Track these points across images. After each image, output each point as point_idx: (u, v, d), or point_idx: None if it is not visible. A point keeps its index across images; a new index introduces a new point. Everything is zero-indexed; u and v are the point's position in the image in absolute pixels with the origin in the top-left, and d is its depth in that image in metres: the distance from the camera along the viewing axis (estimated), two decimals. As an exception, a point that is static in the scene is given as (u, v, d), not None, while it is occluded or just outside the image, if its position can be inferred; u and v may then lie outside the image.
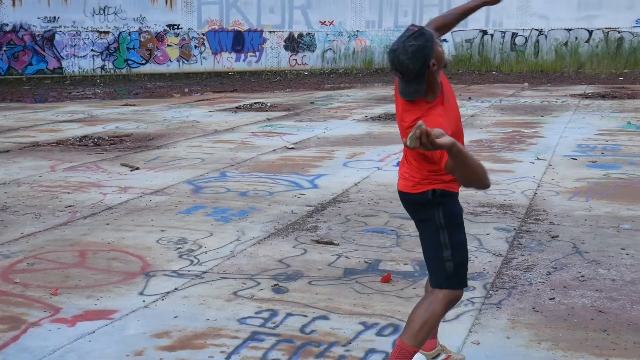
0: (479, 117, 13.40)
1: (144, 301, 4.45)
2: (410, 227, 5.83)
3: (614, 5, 26.61)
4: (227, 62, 27.24)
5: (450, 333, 3.76)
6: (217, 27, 27.03)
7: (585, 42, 27.05)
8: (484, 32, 27.65)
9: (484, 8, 4.16)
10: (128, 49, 25.56)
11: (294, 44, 27.90)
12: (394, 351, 3.19)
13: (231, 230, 6.03)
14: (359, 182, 7.85)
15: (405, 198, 3.27)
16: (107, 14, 25.23)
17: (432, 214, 3.15)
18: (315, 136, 11.47)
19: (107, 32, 25.19)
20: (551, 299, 4.36)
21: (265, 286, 4.67)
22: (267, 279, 4.81)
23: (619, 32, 26.71)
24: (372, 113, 14.36)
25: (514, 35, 27.64)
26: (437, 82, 3.07)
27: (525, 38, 27.56)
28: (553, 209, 6.55)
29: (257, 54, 27.65)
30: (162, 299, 4.48)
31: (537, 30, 27.42)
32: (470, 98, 16.88)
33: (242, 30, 27.41)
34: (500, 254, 5.24)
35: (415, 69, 2.94)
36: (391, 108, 15.05)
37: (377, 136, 11.37)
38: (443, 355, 3.51)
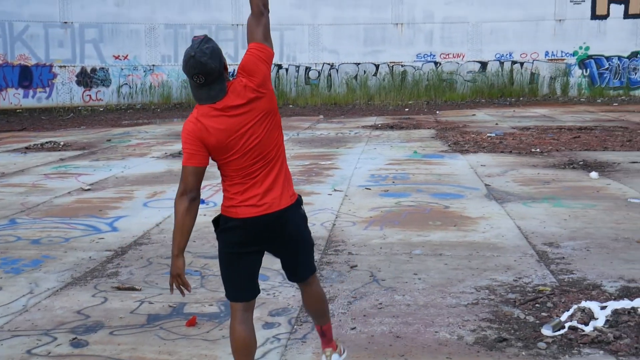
0: (278, 151, 13.70)
1: None
2: (214, 266, 5.80)
3: (396, 41, 28.62)
4: (14, 98, 25.70)
5: (258, 373, 3.78)
6: (0, 62, 25.42)
7: (373, 75, 28.75)
8: (279, 67, 28.44)
9: (278, 43, 4.46)
10: None
11: (87, 79, 26.93)
12: (329, 332, 3.76)
13: (23, 282, 5.65)
14: (160, 222, 7.70)
15: (290, 211, 3.33)
16: None
17: (302, 212, 3.45)
18: (113, 176, 11.11)
19: None
20: (352, 328, 4.52)
21: (63, 341, 4.42)
22: (64, 332, 4.55)
23: (402, 66, 28.68)
24: (172, 149, 14.19)
25: (308, 69, 28.73)
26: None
27: (318, 72, 28.75)
28: (351, 239, 6.83)
29: (48, 89, 26.36)
30: (-55, 367, 4.08)
31: (328, 64, 28.72)
32: (269, 131, 17.20)
33: (29, 65, 26.02)
34: (303, 288, 5.35)
35: (217, 68, 3.12)
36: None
37: (177, 173, 11.21)
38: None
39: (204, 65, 3.10)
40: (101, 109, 26.14)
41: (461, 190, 9.19)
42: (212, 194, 9.29)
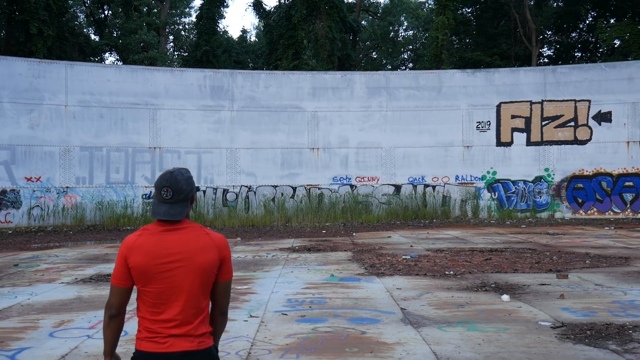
0: (193, 275, 13.43)
1: None
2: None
3: (312, 165, 29.29)
4: None
5: None
6: None
7: (291, 197, 29.10)
8: (197, 189, 28.47)
9: (195, 165, 4.78)
10: None
11: (-4, 201, 26.16)
12: None
13: None
14: (66, 354, 7.33)
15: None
16: None
17: None
18: (19, 303, 10.60)
19: None
20: None
21: None
22: None
23: (319, 188, 29.21)
24: (83, 274, 13.75)
25: (225, 191, 28.86)
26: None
27: (236, 194, 28.90)
28: (267, 368, 6.66)
29: (-47, 212, 25.39)
30: None
31: (246, 187, 28.95)
32: (184, 255, 16.95)
33: None
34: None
35: (186, 191, 3.36)
36: (104, 268, 14.57)
37: (87, 300, 10.83)
38: None
39: (177, 182, 3.32)
40: (10, 232, 25.27)
41: (377, 315, 9.19)
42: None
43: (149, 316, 3.38)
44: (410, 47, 63.35)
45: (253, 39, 67.59)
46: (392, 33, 62.46)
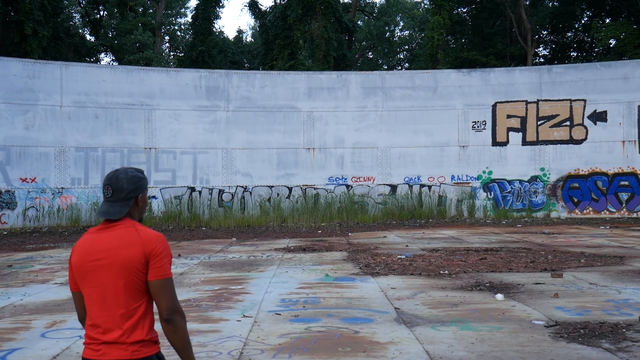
0: (187, 275, 13.42)
1: None
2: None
3: (308, 165, 29.28)
4: None
5: None
6: None
7: (286, 197, 29.07)
8: (192, 189, 28.45)
9: (191, 166, 4.60)
10: None
11: (-10, 202, 26.08)
12: None
13: None
14: (58, 355, 7.29)
15: None
16: None
17: None
18: (11, 304, 10.57)
19: None
20: None
21: None
22: None
23: (314, 188, 29.19)
24: (77, 275, 13.66)
25: (221, 192, 28.83)
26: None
27: (232, 195, 28.87)
28: (259, 368, 6.63)
29: (-53, 213, 25.30)
30: None
31: (242, 187, 28.92)
32: (179, 255, 16.95)
33: None
34: (206, 423, 5.12)
35: (127, 190, 3.23)
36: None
37: (81, 301, 10.76)
38: None
39: (118, 180, 3.23)
40: (5, 233, 25.19)
41: (371, 314, 9.17)
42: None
43: (87, 322, 3.33)
44: (406, 47, 63.37)
45: (249, 39, 67.53)
46: (387, 33, 62.47)
